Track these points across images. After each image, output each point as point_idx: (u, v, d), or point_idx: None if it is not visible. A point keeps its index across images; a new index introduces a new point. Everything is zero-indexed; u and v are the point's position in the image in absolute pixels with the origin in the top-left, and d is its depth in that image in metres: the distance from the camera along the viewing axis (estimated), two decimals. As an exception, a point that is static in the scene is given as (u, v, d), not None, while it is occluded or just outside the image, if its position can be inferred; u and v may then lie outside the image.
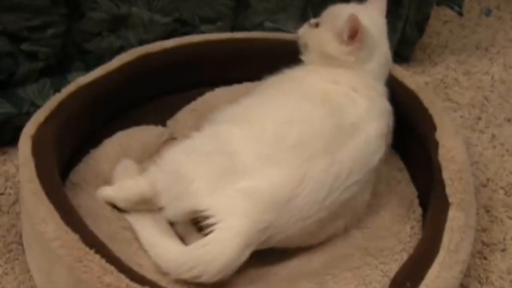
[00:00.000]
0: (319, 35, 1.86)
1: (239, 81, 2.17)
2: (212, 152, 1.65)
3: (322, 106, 1.72)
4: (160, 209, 1.65)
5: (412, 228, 1.79)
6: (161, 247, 1.62)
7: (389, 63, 1.90)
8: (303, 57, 1.90)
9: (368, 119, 1.73)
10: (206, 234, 1.56)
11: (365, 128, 1.72)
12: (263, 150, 1.62)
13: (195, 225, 1.63)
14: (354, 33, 1.76)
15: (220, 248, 1.53)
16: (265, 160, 1.61)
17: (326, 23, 1.86)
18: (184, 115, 2.06)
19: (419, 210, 1.84)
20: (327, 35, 1.83)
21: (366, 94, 1.78)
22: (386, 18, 2.18)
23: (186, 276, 1.54)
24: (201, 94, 2.13)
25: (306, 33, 1.92)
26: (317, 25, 1.89)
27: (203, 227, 1.58)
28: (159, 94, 2.12)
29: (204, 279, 1.53)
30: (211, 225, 1.56)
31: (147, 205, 1.69)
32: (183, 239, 1.66)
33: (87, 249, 1.43)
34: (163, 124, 2.04)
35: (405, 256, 1.70)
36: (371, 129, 1.72)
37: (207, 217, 1.57)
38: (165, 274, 1.57)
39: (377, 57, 1.84)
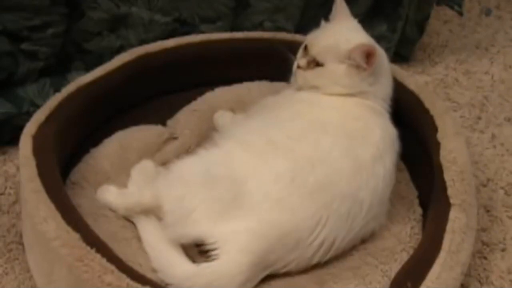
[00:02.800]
0: (330, 73, 1.81)
1: (239, 80, 2.17)
2: (219, 178, 1.62)
3: (342, 141, 1.69)
4: (164, 225, 1.64)
5: (412, 228, 1.80)
6: (166, 260, 1.60)
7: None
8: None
9: (384, 150, 1.72)
10: (207, 253, 1.57)
11: (382, 161, 1.71)
12: (275, 192, 1.59)
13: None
14: (370, 57, 1.74)
15: (227, 279, 1.53)
16: (277, 203, 1.59)
17: (330, 58, 1.80)
18: (184, 115, 2.06)
19: (419, 210, 1.85)
20: (340, 69, 1.78)
21: (377, 122, 1.77)
22: (385, 18, 2.21)
23: None
24: (201, 94, 2.13)
25: (308, 78, 1.83)
26: (316, 64, 1.82)
27: (205, 249, 1.58)
28: (159, 94, 2.12)
29: None
30: (214, 249, 1.56)
31: (148, 214, 1.69)
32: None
33: (88, 248, 1.43)
34: (163, 123, 2.05)
35: (405, 256, 1.71)
36: (387, 161, 1.72)
37: (209, 243, 1.57)
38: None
39: (386, 64, 1.86)
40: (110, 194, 1.76)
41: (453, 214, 1.64)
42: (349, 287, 1.64)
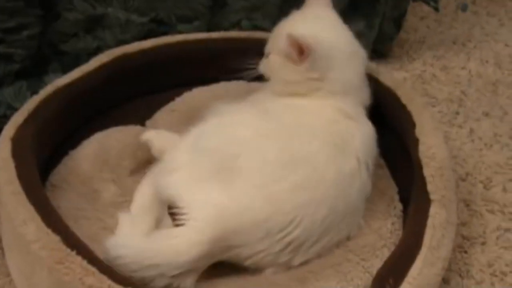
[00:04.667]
0: (272, 64, 1.81)
1: (217, 80, 2.17)
2: (208, 148, 1.64)
3: (328, 148, 1.66)
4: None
5: (393, 224, 1.79)
6: (125, 236, 1.61)
7: (360, 60, 1.85)
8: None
9: (363, 160, 1.71)
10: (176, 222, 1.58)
11: (360, 173, 1.70)
12: (259, 178, 1.59)
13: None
14: (301, 49, 1.70)
15: (186, 246, 1.52)
16: (257, 188, 1.58)
17: (273, 48, 1.81)
18: (162, 115, 2.07)
19: (399, 206, 1.85)
20: (279, 60, 1.78)
21: (354, 125, 1.75)
22: (362, 15, 2.20)
23: (144, 264, 1.50)
24: (179, 94, 2.13)
25: (263, 67, 1.85)
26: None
27: (175, 215, 1.58)
28: (137, 94, 2.12)
29: (160, 270, 1.50)
30: (182, 219, 1.56)
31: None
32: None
33: (69, 250, 1.42)
34: (142, 124, 2.05)
35: (386, 252, 1.71)
36: (364, 173, 1.71)
37: (179, 207, 1.57)
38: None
39: (340, 56, 1.79)
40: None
41: (433, 210, 1.64)
42: (330, 285, 1.63)
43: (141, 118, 2.06)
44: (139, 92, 2.12)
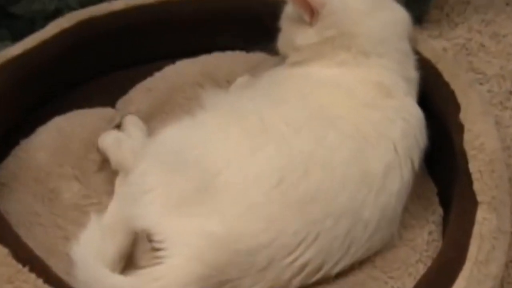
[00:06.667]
0: (287, 34, 1.88)
1: (207, 51, 2.17)
2: (189, 162, 1.62)
3: (350, 141, 1.65)
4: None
5: (430, 233, 1.80)
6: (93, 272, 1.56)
7: (392, 16, 1.91)
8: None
9: (404, 155, 1.70)
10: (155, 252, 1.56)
11: (400, 171, 1.69)
12: (253, 195, 1.57)
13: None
14: (310, 8, 1.77)
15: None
16: (251, 208, 1.56)
17: (284, 19, 1.89)
18: (138, 95, 2.07)
19: (439, 211, 1.85)
20: (292, 28, 1.85)
21: (395, 107, 1.75)
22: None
23: None
24: (158, 68, 2.13)
25: (279, 42, 1.92)
26: None
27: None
28: (107, 68, 2.13)
29: None
30: (161, 249, 1.54)
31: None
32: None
33: (20, 266, 1.42)
34: (112, 106, 2.05)
35: (421, 269, 1.71)
36: (406, 170, 1.71)
37: (156, 240, 1.56)
38: None
39: (360, 11, 1.83)
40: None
41: (480, 214, 1.64)
42: (351, 310, 1.64)
43: (111, 98, 2.06)
44: (108, 65, 2.12)
